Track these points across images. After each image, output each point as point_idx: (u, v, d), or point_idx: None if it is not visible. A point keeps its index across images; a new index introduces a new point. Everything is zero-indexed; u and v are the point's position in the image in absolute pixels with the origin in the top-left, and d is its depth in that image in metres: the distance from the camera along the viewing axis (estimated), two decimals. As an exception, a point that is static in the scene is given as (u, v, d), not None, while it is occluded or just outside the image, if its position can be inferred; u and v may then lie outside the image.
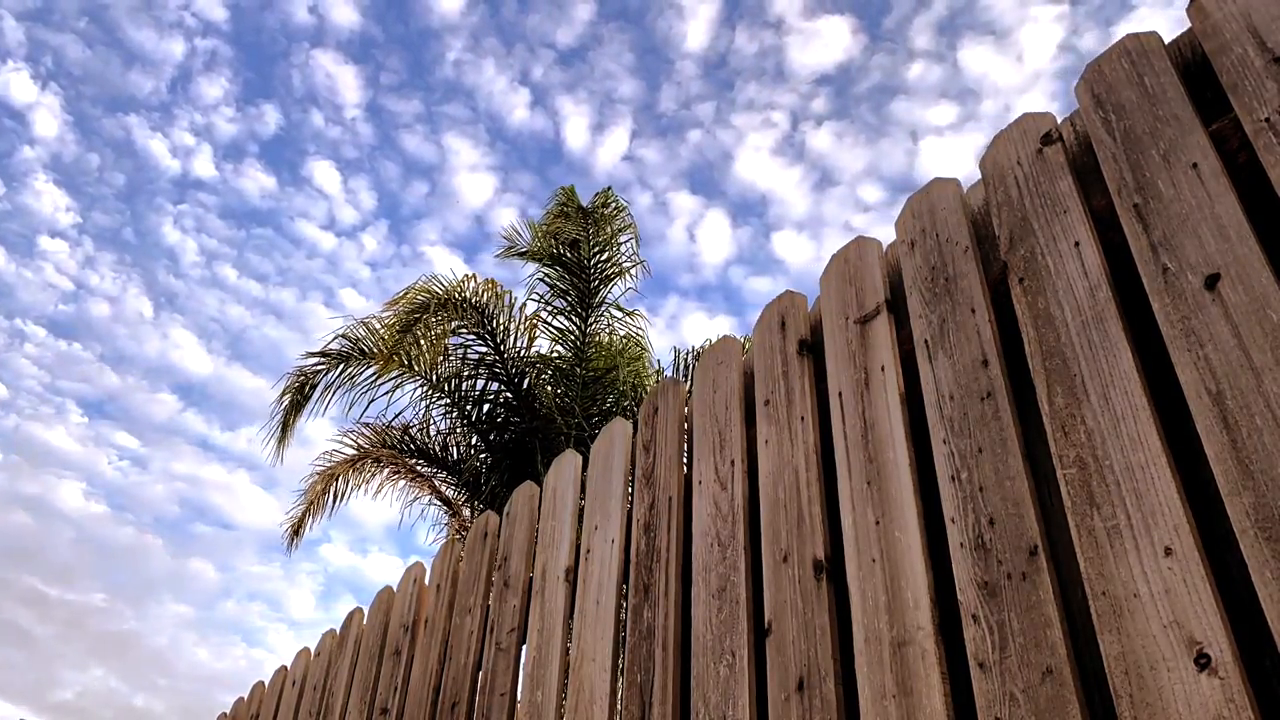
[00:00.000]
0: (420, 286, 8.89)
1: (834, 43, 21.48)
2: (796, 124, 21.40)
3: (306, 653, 3.18)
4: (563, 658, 1.83)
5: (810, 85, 21.29)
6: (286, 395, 9.24)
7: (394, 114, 23.59)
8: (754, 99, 21.32)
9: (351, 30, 23.33)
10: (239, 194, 24.37)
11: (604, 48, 21.82)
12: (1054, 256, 1.20)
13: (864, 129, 21.80)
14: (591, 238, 9.95)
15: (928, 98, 21.61)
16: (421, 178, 24.14)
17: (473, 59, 22.49)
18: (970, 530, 1.14)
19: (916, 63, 21.42)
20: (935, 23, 21.29)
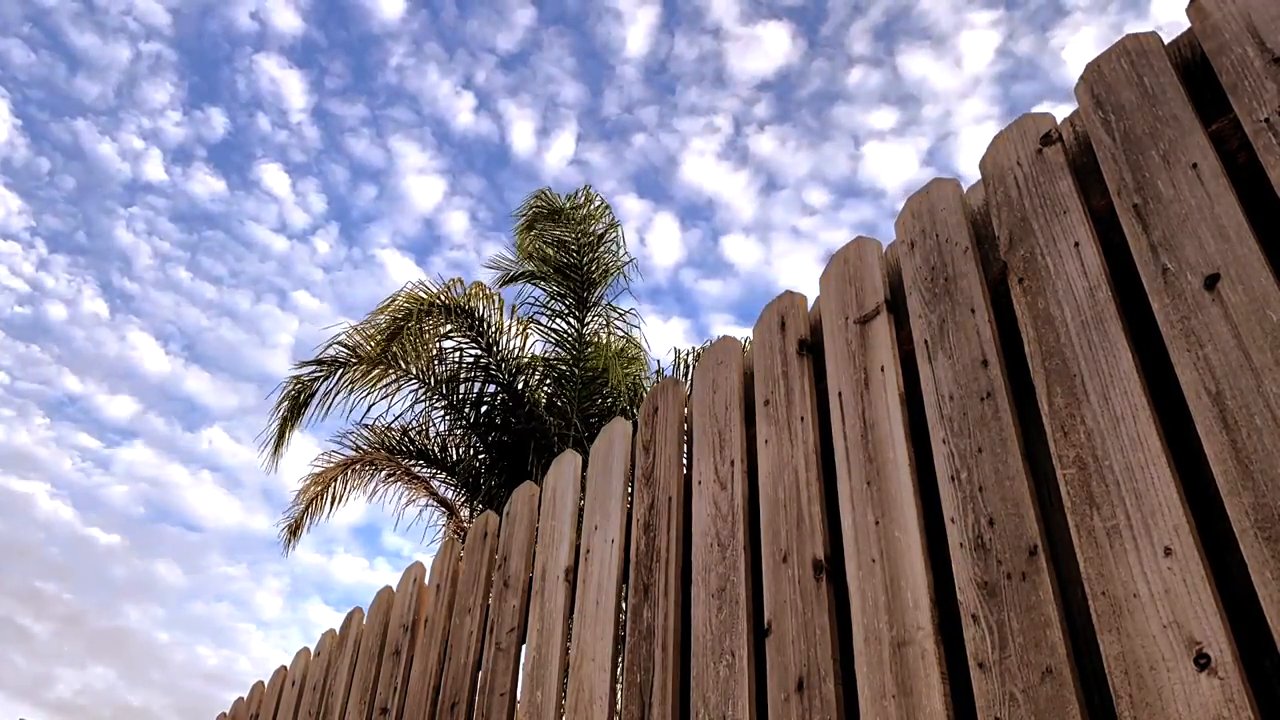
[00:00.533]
0: (408, 293, 8.89)
1: (773, 49, 21.88)
2: (739, 128, 21.78)
3: (306, 652, 3.18)
4: (562, 658, 1.83)
5: (752, 90, 21.63)
6: (284, 404, 9.22)
7: (339, 118, 23.97)
8: (696, 103, 21.71)
9: (294, 35, 23.67)
10: (189, 197, 24.67)
11: (545, 52, 22.25)
12: (1054, 257, 1.20)
13: (806, 133, 22.19)
14: (577, 239, 9.95)
15: (868, 103, 21.92)
16: (370, 181, 24.52)
17: (415, 63, 22.86)
18: (970, 530, 1.14)
19: (856, 68, 21.77)
20: (872, 29, 21.61)
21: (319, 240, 24.62)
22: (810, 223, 21.21)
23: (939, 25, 21.09)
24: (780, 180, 22.65)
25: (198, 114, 24.46)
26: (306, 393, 9.09)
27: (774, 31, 21.39)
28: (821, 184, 22.11)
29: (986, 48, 21.53)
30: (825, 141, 21.96)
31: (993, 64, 21.44)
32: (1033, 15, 21.21)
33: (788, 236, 21.88)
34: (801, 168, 22.14)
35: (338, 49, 23.95)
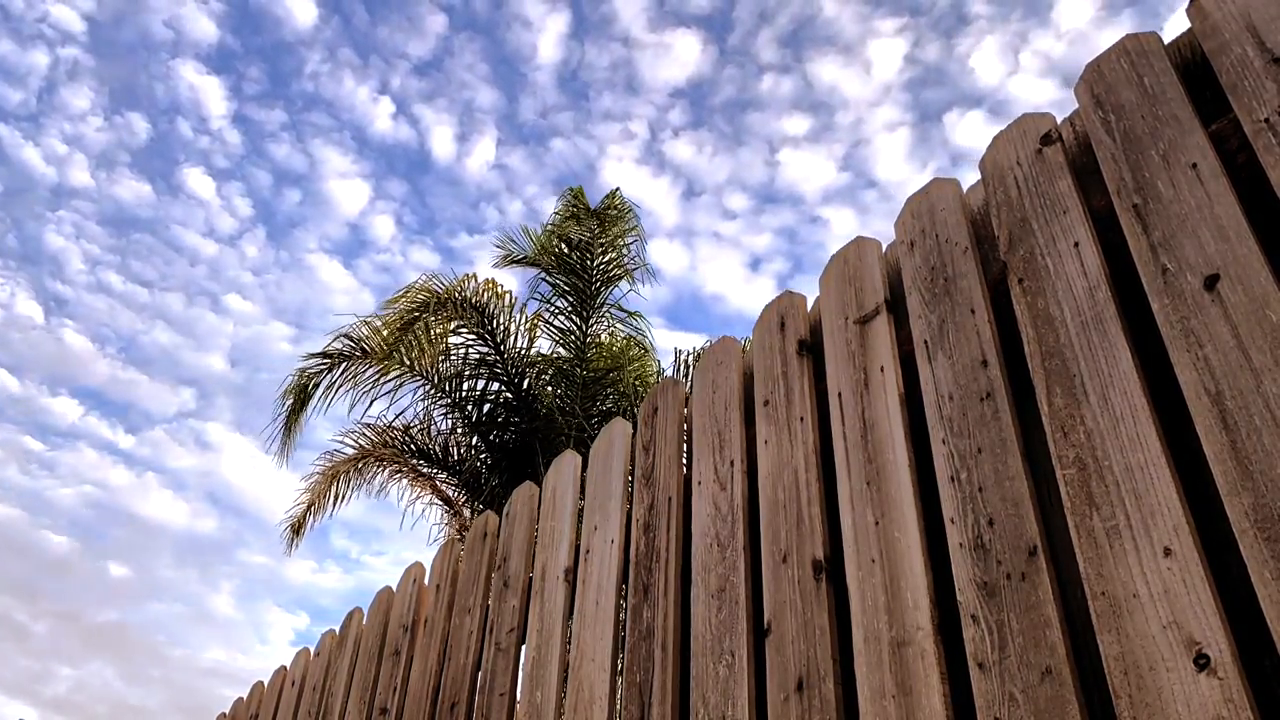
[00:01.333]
0: (420, 285, 8.90)
1: (685, 56, 22.19)
2: (656, 134, 22.12)
3: (306, 653, 3.18)
4: (562, 658, 1.83)
5: (665, 97, 21.99)
6: (289, 396, 9.24)
7: (259, 123, 24.30)
8: (611, 109, 22.11)
9: (209, 42, 24.01)
10: (116, 201, 24.95)
11: (457, 58, 22.65)
12: (1053, 257, 1.20)
13: (722, 139, 22.51)
14: (598, 239, 9.96)
15: (781, 109, 22.23)
16: (293, 185, 24.92)
17: (331, 69, 23.23)
18: (970, 531, 1.14)
19: (767, 75, 22.07)
20: (780, 37, 21.89)
21: (247, 244, 25.05)
22: (732, 227, 21.74)
23: (845, 33, 21.44)
24: (699, 186, 23.09)
25: (119, 119, 24.83)
26: (311, 385, 9.10)
27: (684, 39, 21.81)
28: (741, 189, 22.59)
29: (894, 55, 21.89)
30: (741, 147, 22.36)
31: (901, 71, 21.80)
32: (937, 22, 21.57)
33: (711, 241, 22.31)
34: (720, 173, 22.58)
35: (254, 55, 24.39)
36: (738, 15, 21.56)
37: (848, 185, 22.18)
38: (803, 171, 21.78)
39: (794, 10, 21.34)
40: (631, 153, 22.07)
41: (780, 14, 21.38)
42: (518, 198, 22.84)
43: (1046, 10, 21.52)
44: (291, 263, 24.92)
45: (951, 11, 21.44)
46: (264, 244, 25.13)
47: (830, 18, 21.28)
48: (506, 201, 23.18)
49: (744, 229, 22.09)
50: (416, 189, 24.53)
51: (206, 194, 24.72)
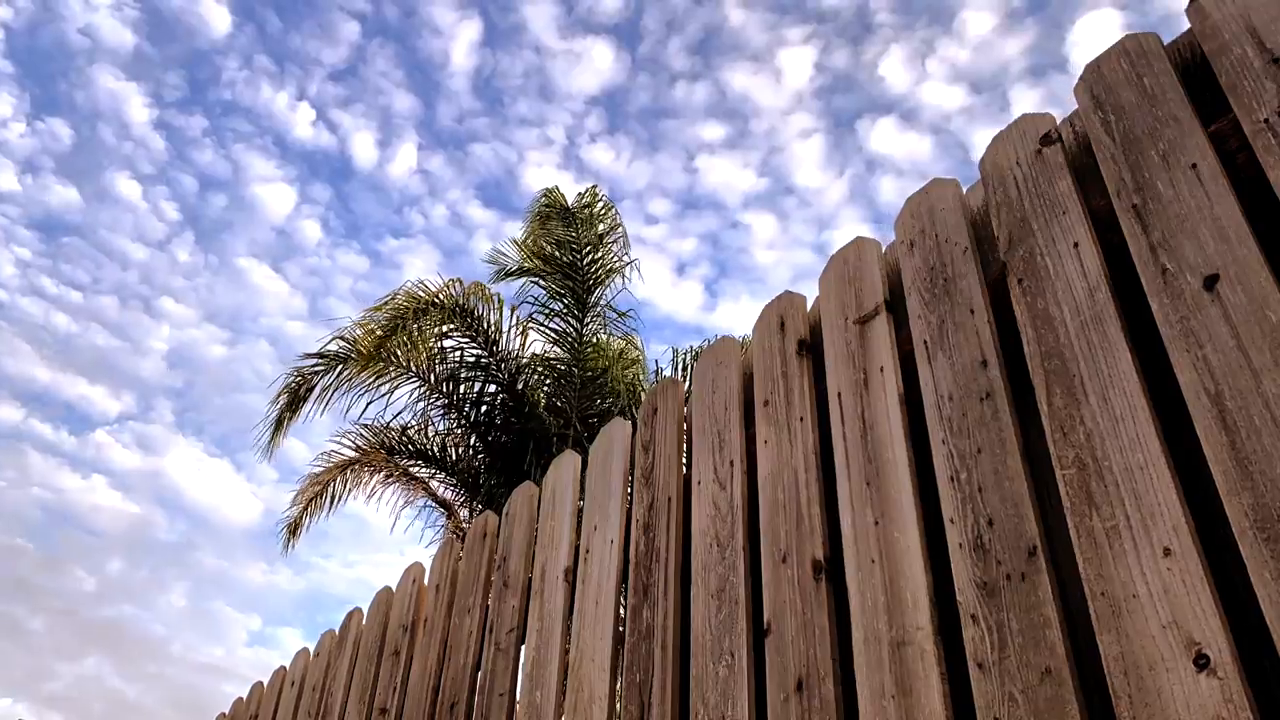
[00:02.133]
0: (406, 291, 8.89)
1: (598, 64, 22.55)
2: (574, 141, 22.46)
3: (306, 653, 3.18)
4: (562, 658, 1.83)
5: (581, 104, 22.33)
6: (283, 396, 9.22)
7: (181, 129, 24.64)
8: (527, 115, 22.51)
9: (126, 49, 24.23)
10: (45, 206, 25.16)
11: (372, 65, 23.00)
12: (1053, 257, 1.20)
13: (640, 146, 22.86)
14: (580, 238, 9.95)
15: (696, 117, 22.51)
16: (219, 190, 25.21)
17: (248, 76, 23.54)
18: (969, 531, 1.14)
19: (680, 83, 22.38)
20: (690, 45, 22.14)
21: (177, 248, 25.36)
22: (656, 232, 22.00)
23: (754, 42, 21.74)
24: (620, 192, 23.49)
25: (41, 125, 25.07)
26: (305, 386, 9.09)
27: (596, 47, 22.23)
28: (661, 195, 22.90)
29: (804, 63, 22.17)
30: (659, 154, 22.68)
31: (812, 79, 22.07)
32: (843, 30, 21.87)
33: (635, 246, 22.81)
34: (640, 179, 22.92)
35: (171, 62, 24.71)
36: (646, 24, 21.98)
37: (767, 191, 22.45)
38: (722, 177, 22.23)
39: (702, 19, 21.69)
40: (552, 158, 22.51)
41: (689, 23, 21.73)
42: (441, 202, 23.37)
43: (950, 19, 21.82)
44: (222, 266, 25.36)
45: (857, 20, 21.80)
46: (193, 248, 25.57)
47: (737, 26, 21.66)
48: (430, 206, 23.74)
49: (668, 234, 22.49)
50: (341, 194, 25.05)
51: (134, 199, 25.08)
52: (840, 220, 21.96)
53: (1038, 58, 22.60)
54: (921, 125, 22.30)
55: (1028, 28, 22.05)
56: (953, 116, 22.32)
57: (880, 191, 22.74)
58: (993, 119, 22.83)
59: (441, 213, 23.20)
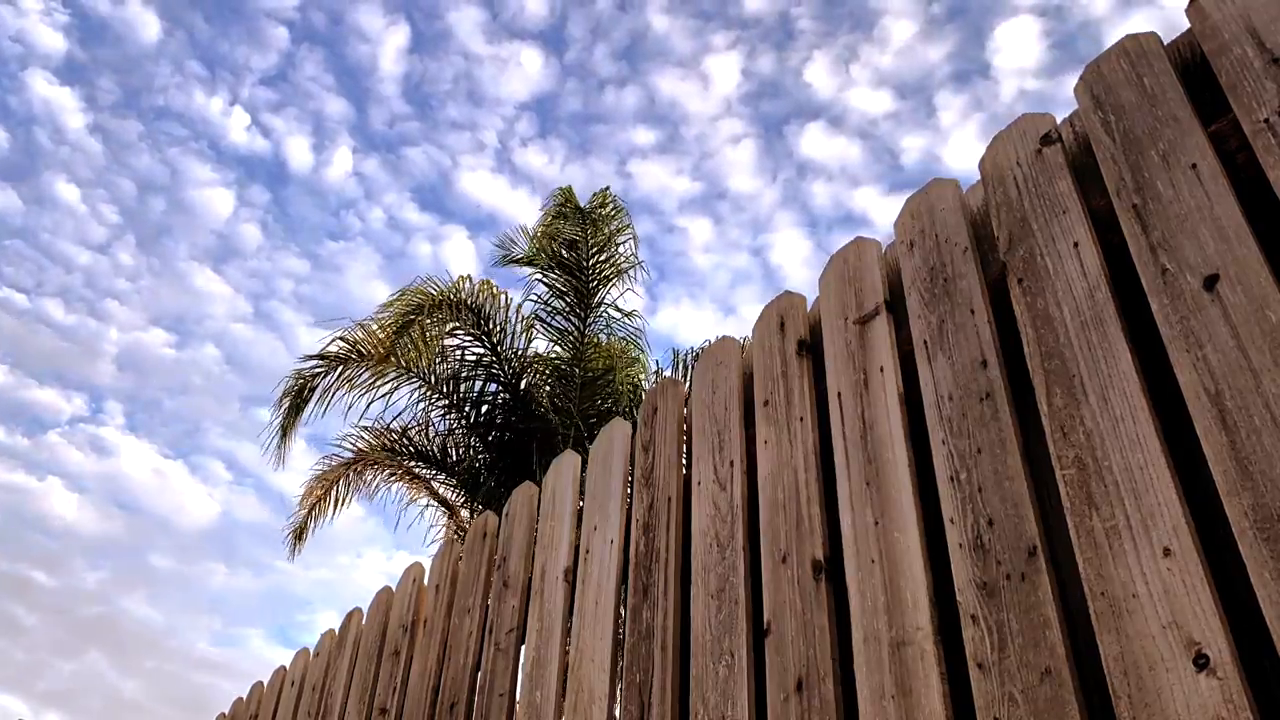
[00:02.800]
0: (416, 288, 8.89)
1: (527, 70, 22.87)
2: (506, 145, 22.85)
3: (305, 653, 3.18)
4: (561, 658, 1.83)
5: (512, 109, 22.70)
6: (286, 399, 9.23)
7: (116, 134, 24.82)
8: (458, 120, 22.86)
9: (59, 55, 24.41)
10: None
11: (302, 70, 23.30)
12: (1053, 257, 1.20)
13: (573, 150, 23.13)
14: (589, 238, 9.95)
15: (626, 122, 22.70)
16: (157, 194, 25.43)
17: (180, 82, 23.78)
18: (969, 531, 1.14)
19: (609, 89, 22.67)
20: (616, 52, 22.38)
21: (119, 252, 25.57)
22: None
23: (680, 48, 21.94)
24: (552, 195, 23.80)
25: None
26: (308, 388, 9.09)
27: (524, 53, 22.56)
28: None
29: (730, 69, 22.32)
30: (591, 158, 22.95)
31: (740, 85, 22.24)
32: (766, 35, 22.09)
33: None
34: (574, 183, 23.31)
35: (103, 67, 24.93)
36: (571, 31, 22.26)
37: (702, 195, 22.56)
38: (656, 182, 22.47)
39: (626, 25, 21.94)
40: (486, 162, 22.92)
41: (614, 29, 22.00)
42: (377, 205, 23.71)
43: (871, 25, 22.05)
44: (164, 270, 25.66)
45: (779, 26, 22.01)
46: (135, 251, 25.82)
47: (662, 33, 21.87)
48: (366, 209, 24.05)
49: None
50: (278, 198, 25.32)
51: (73, 202, 25.26)
52: (776, 224, 22.10)
53: (961, 64, 22.74)
54: (850, 130, 22.44)
55: (949, 34, 22.26)
56: (879, 121, 22.46)
57: (814, 196, 22.90)
58: (920, 124, 22.93)
59: (379, 216, 23.65)
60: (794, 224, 22.63)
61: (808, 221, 22.87)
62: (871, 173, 22.37)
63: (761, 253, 21.29)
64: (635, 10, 21.80)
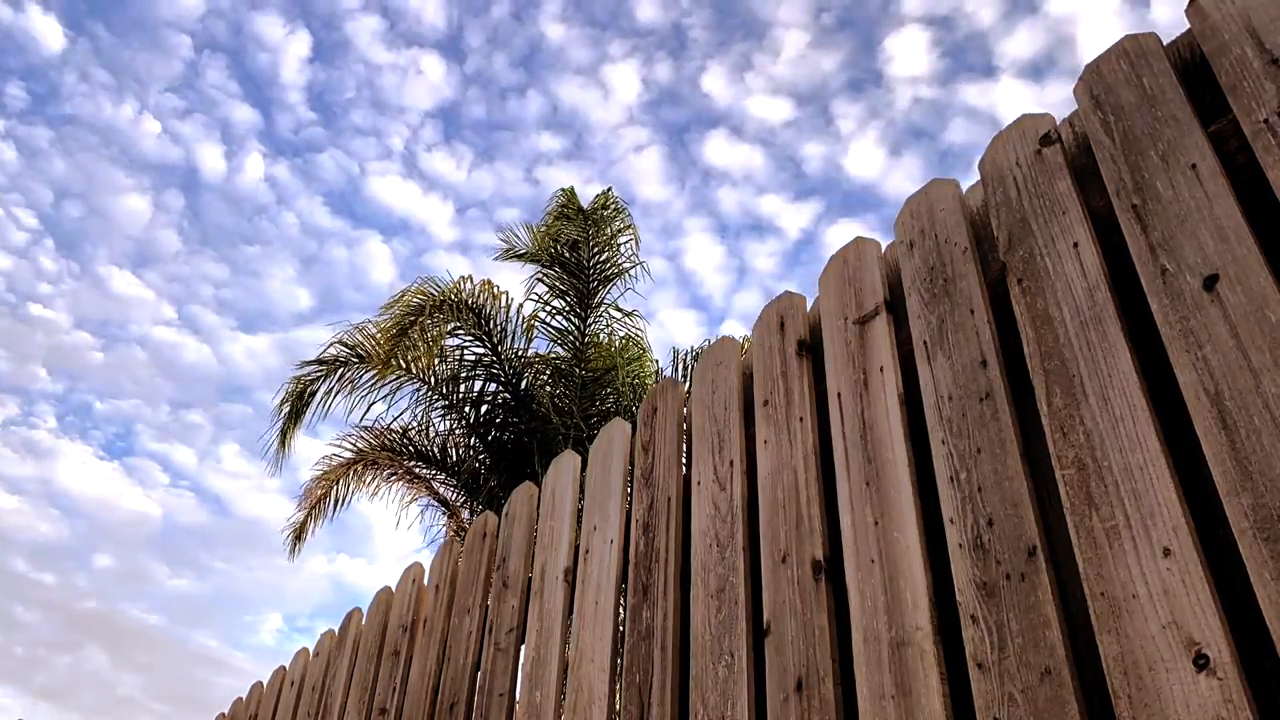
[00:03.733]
0: (416, 289, 8.89)
1: (430, 77, 23.24)
2: (414, 152, 23.20)
3: (305, 653, 3.18)
4: (561, 658, 1.83)
5: (417, 116, 23.05)
6: (286, 404, 9.22)
7: (28, 140, 25.05)
8: (364, 127, 23.15)
9: None
10: None
11: (207, 78, 23.53)
12: (1053, 257, 1.20)
13: (479, 155, 23.65)
14: (591, 239, 9.95)
15: (531, 129, 23.16)
16: (74, 200, 25.58)
17: (88, 90, 24.01)
18: (969, 531, 1.14)
19: (511, 97, 23.09)
20: (515, 60, 22.75)
21: (39, 256, 25.80)
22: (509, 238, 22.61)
23: (578, 58, 22.27)
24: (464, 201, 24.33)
25: None
26: (308, 392, 9.09)
27: (425, 60, 22.93)
28: (505, 203, 23.70)
29: (629, 78, 22.66)
30: (498, 163, 23.47)
31: (640, 94, 22.61)
32: (662, 44, 22.30)
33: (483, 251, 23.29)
34: (483, 189, 23.84)
35: (10, 74, 25.19)
36: (469, 41, 22.74)
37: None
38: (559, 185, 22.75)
39: (523, 35, 22.40)
40: (394, 168, 23.19)
41: (512, 39, 22.43)
42: (290, 210, 24.09)
43: (762, 34, 22.31)
44: (85, 274, 25.92)
45: (673, 35, 22.21)
46: (55, 256, 26.05)
47: (558, 42, 22.34)
48: (280, 214, 24.37)
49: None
50: (193, 203, 25.72)
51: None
52: (687, 229, 22.32)
53: (854, 72, 22.91)
54: (750, 138, 22.75)
55: (840, 43, 22.48)
56: (779, 130, 22.73)
57: (720, 202, 23.11)
58: (819, 132, 23.18)
59: (292, 221, 24.15)
60: (704, 230, 22.79)
61: (717, 228, 23.06)
62: (777, 180, 22.67)
63: (676, 257, 21.44)
64: (530, 20, 22.22)
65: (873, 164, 23.25)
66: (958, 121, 23.01)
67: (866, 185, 23.00)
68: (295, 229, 24.45)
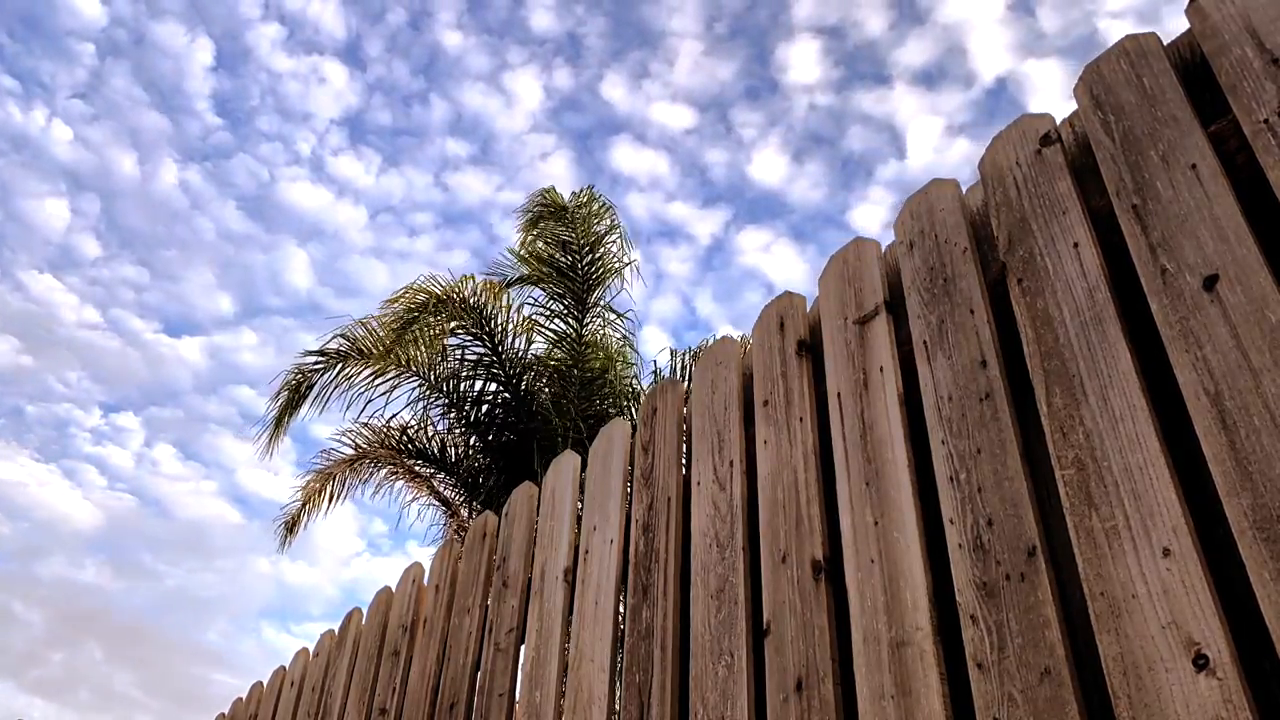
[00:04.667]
0: (419, 286, 8.88)
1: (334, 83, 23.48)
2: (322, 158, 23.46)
3: (305, 653, 3.18)
4: (561, 658, 1.83)
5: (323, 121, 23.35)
6: (283, 393, 9.22)
7: None
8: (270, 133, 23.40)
9: None
10: None
11: (112, 84, 23.71)
12: (1053, 257, 1.20)
13: (386, 161, 23.85)
14: (578, 239, 9.95)
15: (436, 135, 23.39)
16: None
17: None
18: (969, 531, 1.14)
19: (415, 104, 23.38)
20: (416, 68, 23.00)
21: None
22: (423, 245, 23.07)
23: (477, 65, 22.53)
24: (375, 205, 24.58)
25: None
26: (306, 384, 9.09)
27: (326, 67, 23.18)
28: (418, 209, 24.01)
29: (531, 86, 22.96)
30: (406, 168, 23.68)
31: (543, 101, 22.87)
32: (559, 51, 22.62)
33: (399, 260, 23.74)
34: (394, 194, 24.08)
35: None
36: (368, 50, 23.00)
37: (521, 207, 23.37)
38: (476, 195, 23.25)
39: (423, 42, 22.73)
40: (303, 173, 23.47)
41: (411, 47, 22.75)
42: (204, 215, 24.43)
43: (657, 43, 22.51)
44: (5, 278, 26.21)
45: (569, 43, 22.54)
46: None
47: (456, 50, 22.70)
48: (195, 219, 24.69)
49: (435, 246, 23.59)
50: (109, 209, 25.92)
51: None
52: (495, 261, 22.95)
53: (751, 81, 23.10)
54: (654, 144, 22.98)
55: (735, 52, 22.73)
56: (681, 137, 22.91)
57: (630, 208, 23.35)
58: (721, 138, 23.28)
59: (208, 225, 24.45)
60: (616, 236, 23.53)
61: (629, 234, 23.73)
62: (684, 187, 22.82)
63: (595, 260, 21.84)
64: (426, 28, 22.55)
65: (776, 171, 23.50)
66: (855, 129, 23.23)
67: (772, 192, 23.21)
68: (211, 233, 24.96)
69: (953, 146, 23.96)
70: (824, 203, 23.62)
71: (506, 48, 22.59)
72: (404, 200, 23.64)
